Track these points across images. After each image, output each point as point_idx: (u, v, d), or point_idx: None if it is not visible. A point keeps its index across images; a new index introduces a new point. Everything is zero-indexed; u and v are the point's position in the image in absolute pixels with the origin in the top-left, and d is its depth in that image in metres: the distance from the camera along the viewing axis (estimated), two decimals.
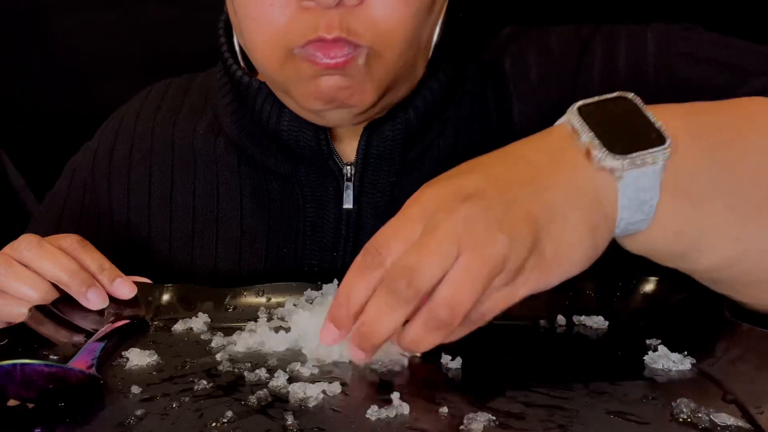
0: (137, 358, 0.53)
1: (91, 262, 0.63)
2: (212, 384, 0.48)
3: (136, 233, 0.78)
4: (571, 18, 0.75)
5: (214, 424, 0.42)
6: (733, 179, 0.45)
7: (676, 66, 0.67)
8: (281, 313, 0.62)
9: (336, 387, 0.47)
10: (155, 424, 0.43)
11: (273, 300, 0.65)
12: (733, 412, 0.42)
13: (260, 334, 0.56)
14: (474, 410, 0.42)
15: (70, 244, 0.64)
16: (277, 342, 0.55)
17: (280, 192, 0.74)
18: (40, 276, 0.61)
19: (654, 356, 0.50)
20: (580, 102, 0.47)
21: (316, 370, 0.50)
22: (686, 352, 0.50)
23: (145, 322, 0.63)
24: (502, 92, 0.72)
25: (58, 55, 1.16)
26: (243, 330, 0.58)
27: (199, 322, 0.61)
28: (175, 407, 0.45)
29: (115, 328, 0.58)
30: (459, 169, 0.47)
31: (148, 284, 0.66)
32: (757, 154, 0.46)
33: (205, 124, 0.78)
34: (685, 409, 0.42)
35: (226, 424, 0.43)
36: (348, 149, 0.72)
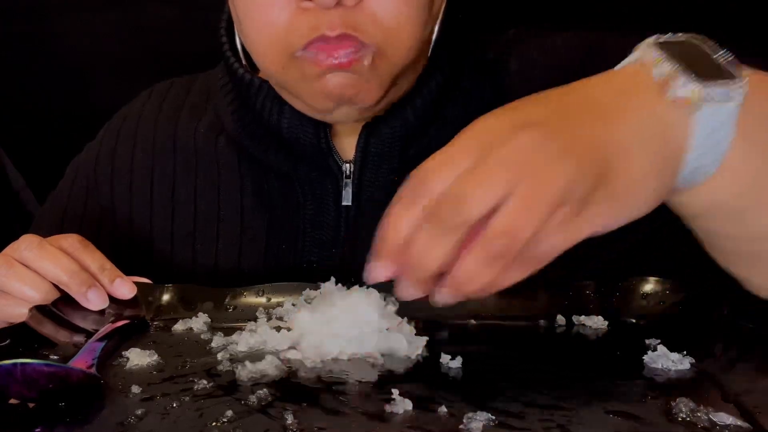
0: (137, 357, 0.53)
1: (91, 263, 0.63)
2: (212, 384, 0.48)
3: (137, 232, 0.78)
4: (572, 18, 0.75)
5: (214, 424, 0.43)
6: None
7: None
8: (280, 313, 0.62)
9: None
10: (155, 424, 0.43)
11: (273, 300, 0.65)
12: (732, 412, 0.42)
13: (261, 334, 0.56)
14: (473, 410, 0.42)
15: (71, 244, 0.64)
16: (278, 341, 0.55)
17: (280, 190, 0.74)
18: (41, 276, 0.61)
19: (653, 356, 0.50)
20: (652, 38, 0.45)
21: (316, 369, 0.50)
22: (685, 352, 0.50)
23: (146, 322, 0.63)
24: (503, 91, 0.72)
25: (58, 55, 1.16)
26: (243, 330, 0.58)
27: (199, 322, 0.61)
28: (175, 407, 0.45)
29: (115, 328, 0.59)
30: (517, 102, 0.43)
31: (148, 284, 0.66)
32: None
33: (207, 123, 0.79)
34: (684, 409, 0.42)
35: (226, 423, 0.43)
36: (347, 147, 0.72)
